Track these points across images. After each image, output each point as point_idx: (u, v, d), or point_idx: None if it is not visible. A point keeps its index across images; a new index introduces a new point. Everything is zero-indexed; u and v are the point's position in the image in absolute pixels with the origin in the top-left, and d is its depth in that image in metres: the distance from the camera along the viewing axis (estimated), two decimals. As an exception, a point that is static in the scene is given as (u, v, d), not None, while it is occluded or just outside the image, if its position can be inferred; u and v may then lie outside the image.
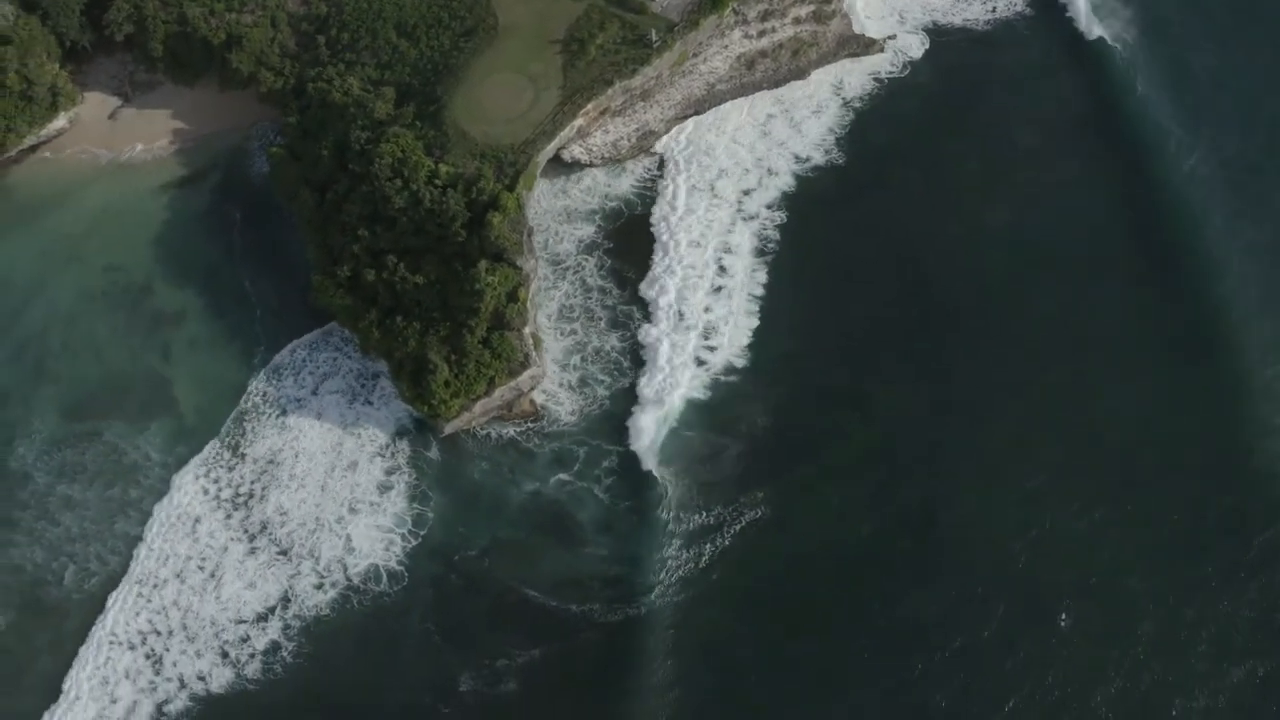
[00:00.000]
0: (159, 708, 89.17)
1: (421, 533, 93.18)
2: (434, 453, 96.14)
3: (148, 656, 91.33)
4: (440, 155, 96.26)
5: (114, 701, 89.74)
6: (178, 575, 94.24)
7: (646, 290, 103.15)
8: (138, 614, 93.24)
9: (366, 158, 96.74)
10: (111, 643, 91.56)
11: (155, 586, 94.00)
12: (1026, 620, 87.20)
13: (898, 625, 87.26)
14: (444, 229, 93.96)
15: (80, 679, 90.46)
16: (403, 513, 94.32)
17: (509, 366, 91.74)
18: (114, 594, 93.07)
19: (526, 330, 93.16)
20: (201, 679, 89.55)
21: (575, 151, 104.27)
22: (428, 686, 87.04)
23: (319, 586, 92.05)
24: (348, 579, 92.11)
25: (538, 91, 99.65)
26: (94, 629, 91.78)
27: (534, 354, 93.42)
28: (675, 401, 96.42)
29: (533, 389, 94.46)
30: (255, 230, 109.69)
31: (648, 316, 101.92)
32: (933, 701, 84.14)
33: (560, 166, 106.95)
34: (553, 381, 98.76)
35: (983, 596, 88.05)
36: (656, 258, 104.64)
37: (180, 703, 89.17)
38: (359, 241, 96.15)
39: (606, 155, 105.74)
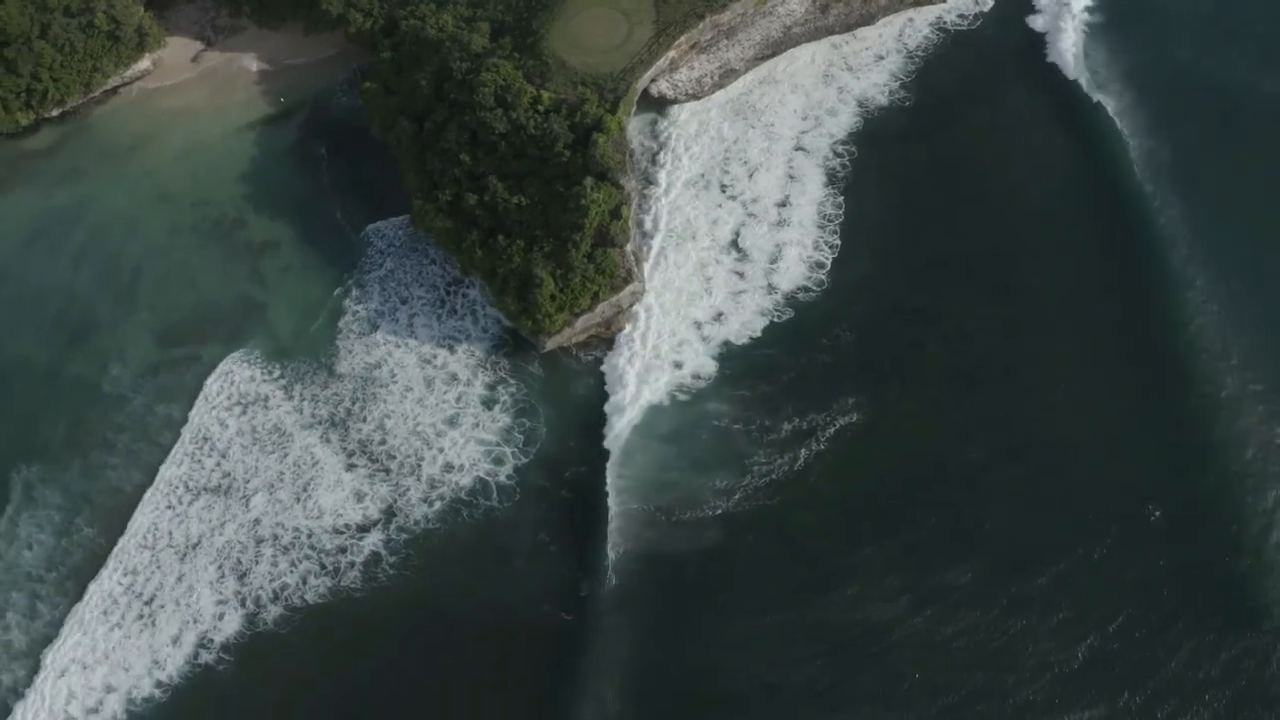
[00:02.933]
0: (249, 619, 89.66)
1: (533, 449, 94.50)
2: (536, 368, 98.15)
3: (234, 569, 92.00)
4: (541, 83, 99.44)
5: (195, 619, 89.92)
6: (269, 488, 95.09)
7: (645, 218, 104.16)
8: (222, 525, 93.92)
9: (468, 86, 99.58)
10: (193, 555, 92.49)
11: (243, 499, 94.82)
12: (1111, 523, 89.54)
13: (988, 531, 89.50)
14: (545, 151, 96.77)
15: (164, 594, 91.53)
16: (509, 427, 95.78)
17: (612, 282, 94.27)
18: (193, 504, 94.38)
19: (628, 247, 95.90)
20: (298, 589, 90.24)
21: (662, 86, 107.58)
22: (547, 594, 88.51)
23: (425, 500, 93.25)
24: (455, 492, 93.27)
25: (631, 25, 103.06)
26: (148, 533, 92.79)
27: (635, 270, 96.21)
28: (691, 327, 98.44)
29: (632, 305, 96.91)
30: (343, 164, 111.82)
31: (742, 256, 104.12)
32: (1026, 591, 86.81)
33: (648, 103, 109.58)
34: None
35: (1067, 501, 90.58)
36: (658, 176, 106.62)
37: (274, 611, 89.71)
38: (460, 166, 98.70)
39: (690, 91, 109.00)
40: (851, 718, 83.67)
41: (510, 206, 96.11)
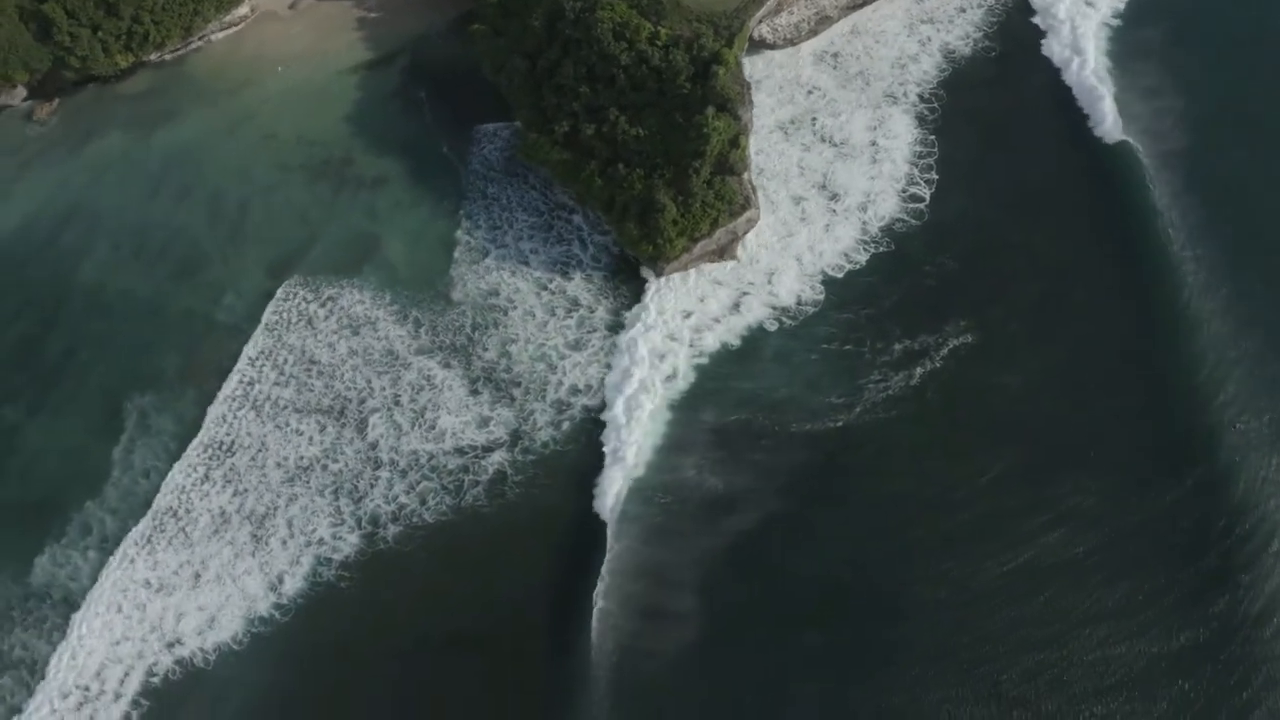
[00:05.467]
0: (367, 539, 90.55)
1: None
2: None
3: (350, 492, 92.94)
4: (656, 21, 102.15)
5: (311, 540, 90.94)
6: (386, 409, 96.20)
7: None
8: (336, 446, 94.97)
9: (583, 24, 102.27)
10: (305, 475, 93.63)
11: (358, 422, 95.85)
12: (1214, 438, 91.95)
13: (1101, 448, 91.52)
14: (665, 84, 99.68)
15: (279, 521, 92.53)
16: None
17: (730, 208, 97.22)
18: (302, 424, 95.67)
19: (745, 175, 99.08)
20: (417, 510, 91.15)
21: (763, 30, 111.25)
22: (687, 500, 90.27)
23: (552, 423, 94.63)
24: (585, 414, 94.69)
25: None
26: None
27: (753, 197, 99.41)
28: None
29: (746, 232, 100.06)
30: (445, 105, 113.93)
31: (836, 192, 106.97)
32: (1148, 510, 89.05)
33: (747, 47, 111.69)
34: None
35: (1172, 418, 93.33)
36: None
37: (393, 530, 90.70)
38: (579, 100, 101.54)
39: (788, 36, 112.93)
40: (976, 634, 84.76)
41: (630, 137, 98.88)
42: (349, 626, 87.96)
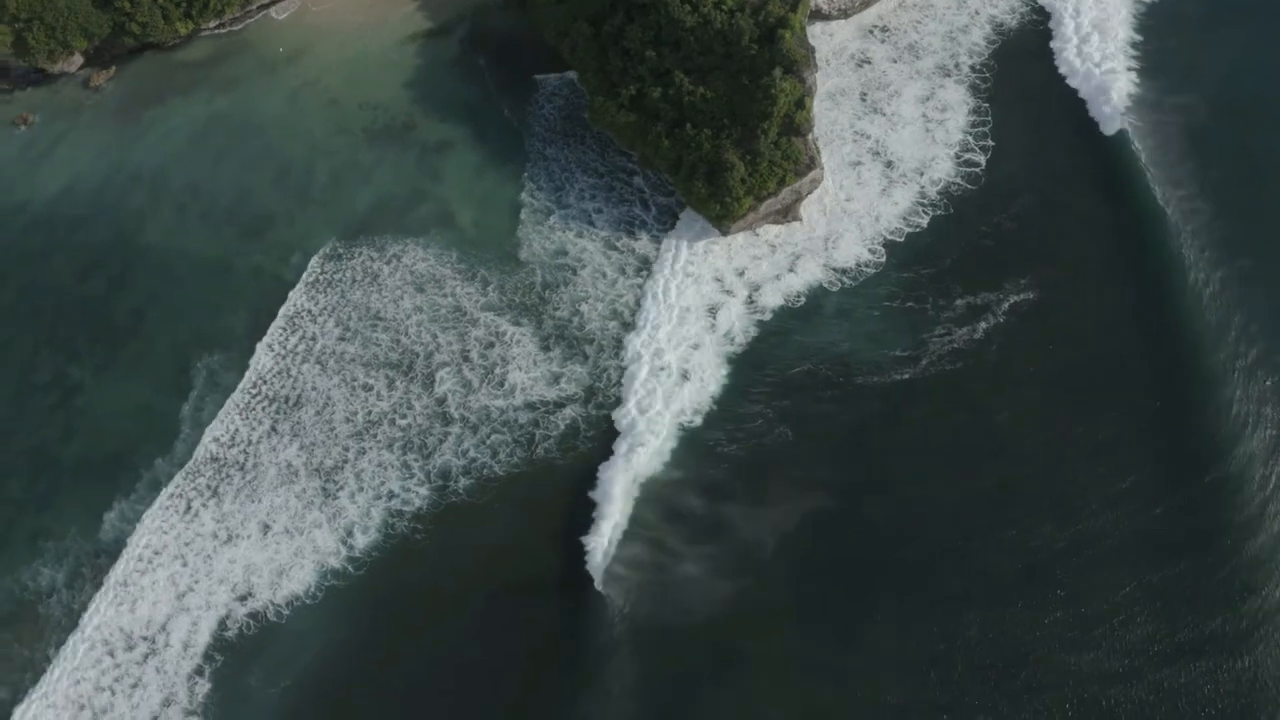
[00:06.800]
0: (438, 492, 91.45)
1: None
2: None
3: (419, 446, 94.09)
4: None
5: (386, 496, 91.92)
6: (455, 365, 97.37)
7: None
8: (409, 407, 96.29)
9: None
10: (374, 430, 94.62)
11: (426, 376, 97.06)
12: (1264, 406, 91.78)
13: (1165, 411, 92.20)
14: (731, 47, 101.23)
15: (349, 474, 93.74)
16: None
17: (796, 168, 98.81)
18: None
19: (810, 136, 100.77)
20: (488, 463, 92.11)
21: (818, 0, 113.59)
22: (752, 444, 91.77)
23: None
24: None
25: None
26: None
27: (817, 157, 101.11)
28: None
29: (810, 192, 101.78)
30: (505, 72, 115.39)
31: (890, 158, 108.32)
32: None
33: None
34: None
35: (1220, 384, 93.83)
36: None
37: (465, 483, 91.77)
38: (645, 63, 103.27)
39: (842, 7, 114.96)
40: (1039, 588, 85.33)
41: (697, 99, 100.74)
42: (425, 578, 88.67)
